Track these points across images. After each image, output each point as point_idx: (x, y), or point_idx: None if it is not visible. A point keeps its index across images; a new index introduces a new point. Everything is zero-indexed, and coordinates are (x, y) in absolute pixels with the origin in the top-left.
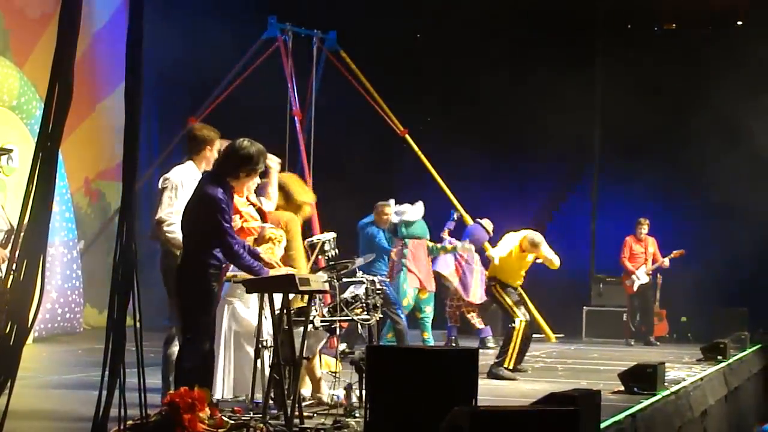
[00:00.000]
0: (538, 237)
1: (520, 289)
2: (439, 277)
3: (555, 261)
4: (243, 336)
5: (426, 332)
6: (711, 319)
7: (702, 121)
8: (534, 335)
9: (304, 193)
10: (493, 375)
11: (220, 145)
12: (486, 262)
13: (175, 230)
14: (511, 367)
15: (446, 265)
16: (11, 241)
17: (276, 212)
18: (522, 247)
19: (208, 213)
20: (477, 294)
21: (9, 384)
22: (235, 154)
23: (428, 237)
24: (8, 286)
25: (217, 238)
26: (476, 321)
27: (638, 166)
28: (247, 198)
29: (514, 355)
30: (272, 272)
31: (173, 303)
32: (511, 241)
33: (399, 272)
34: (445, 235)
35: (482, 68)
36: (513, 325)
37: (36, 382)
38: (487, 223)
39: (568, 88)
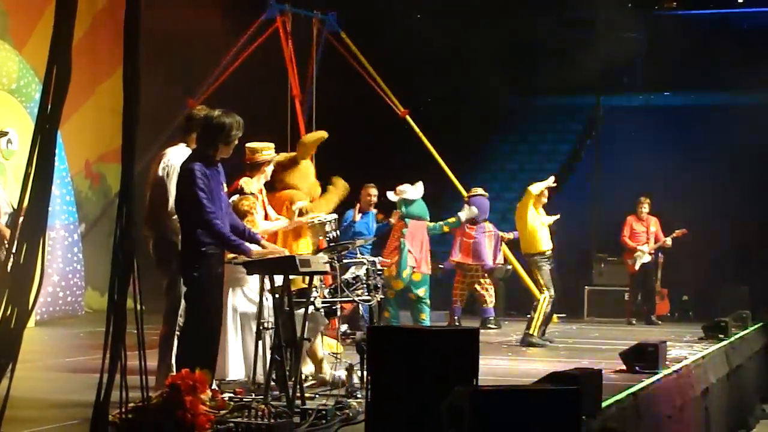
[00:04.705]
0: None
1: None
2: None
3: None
4: (248, 317)
5: (423, 314)
6: (712, 298)
7: (701, 99)
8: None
9: (300, 181)
10: (525, 343)
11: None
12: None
13: None
14: (536, 334)
15: (456, 253)
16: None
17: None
18: (529, 201)
19: (186, 186)
20: (491, 257)
21: (10, 368)
22: (208, 125)
23: (428, 218)
24: (8, 269)
25: (197, 213)
26: (488, 298)
27: (639, 144)
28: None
29: (539, 325)
30: (258, 253)
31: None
32: (522, 210)
33: (401, 250)
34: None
35: (483, 48)
36: (539, 299)
37: (37, 366)
38: (481, 191)
39: (568, 66)
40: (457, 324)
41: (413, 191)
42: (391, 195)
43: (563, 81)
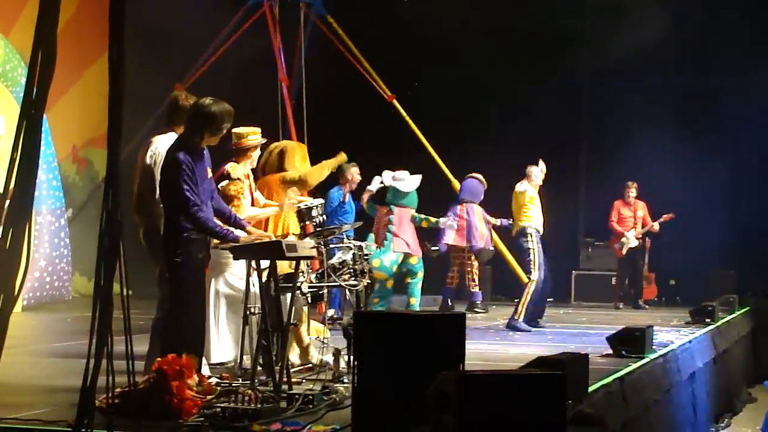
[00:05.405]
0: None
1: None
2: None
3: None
4: (233, 302)
5: (413, 297)
6: (699, 282)
7: (690, 84)
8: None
9: (300, 166)
10: (510, 327)
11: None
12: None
13: None
14: (522, 319)
15: (448, 236)
16: None
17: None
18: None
19: (171, 176)
20: (481, 239)
21: None
22: (198, 114)
23: (415, 207)
24: None
25: (181, 205)
26: (472, 283)
27: (627, 128)
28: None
29: (524, 309)
30: (244, 239)
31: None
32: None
33: (385, 238)
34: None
35: (471, 32)
36: (526, 282)
37: (24, 351)
38: (479, 176)
39: (558, 49)
40: (450, 306)
41: (409, 183)
42: (387, 178)
43: (553, 64)
